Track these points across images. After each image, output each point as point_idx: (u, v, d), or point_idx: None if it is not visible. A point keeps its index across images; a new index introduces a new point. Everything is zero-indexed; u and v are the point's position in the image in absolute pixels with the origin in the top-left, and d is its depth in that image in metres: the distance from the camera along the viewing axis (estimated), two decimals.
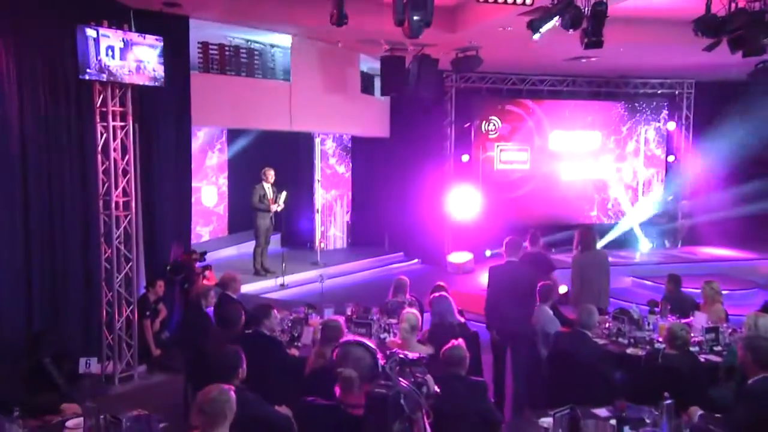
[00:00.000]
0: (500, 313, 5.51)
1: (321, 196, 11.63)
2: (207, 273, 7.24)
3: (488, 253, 12.56)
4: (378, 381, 2.12)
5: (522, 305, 5.43)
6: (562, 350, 4.83)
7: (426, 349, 4.61)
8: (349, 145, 12.54)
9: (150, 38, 6.10)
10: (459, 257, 11.79)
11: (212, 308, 5.72)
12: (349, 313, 6.08)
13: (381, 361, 2.28)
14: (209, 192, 11.84)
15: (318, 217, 11.56)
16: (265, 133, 10.62)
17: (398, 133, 12.03)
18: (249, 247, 11.32)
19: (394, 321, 5.94)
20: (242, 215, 12.03)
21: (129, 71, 5.92)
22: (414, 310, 5.11)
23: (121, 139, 6.22)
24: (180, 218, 7.77)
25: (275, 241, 10.63)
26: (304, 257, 11.00)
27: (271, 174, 9.49)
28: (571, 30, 5.53)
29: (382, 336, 5.54)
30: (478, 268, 11.72)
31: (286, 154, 11.76)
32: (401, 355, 2.25)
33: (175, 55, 6.99)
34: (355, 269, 10.95)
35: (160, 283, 6.91)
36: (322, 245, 11.75)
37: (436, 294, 5.48)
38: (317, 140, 11.74)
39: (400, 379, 2.15)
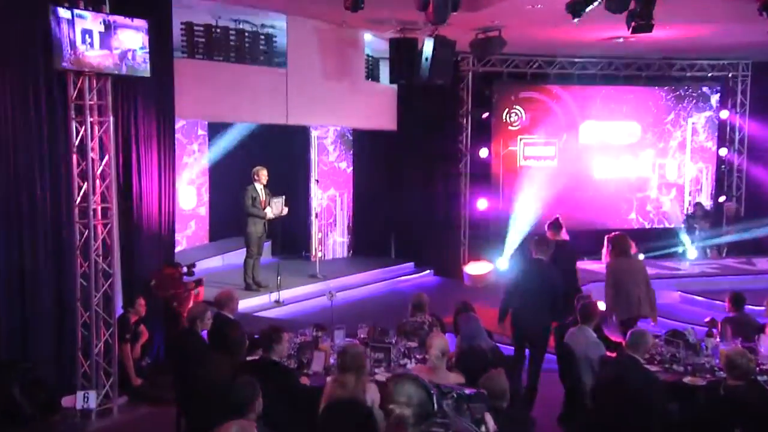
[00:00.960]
0: (519, 312, 6.37)
1: (318, 197, 11.70)
2: (199, 289, 7.34)
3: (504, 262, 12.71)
4: (434, 420, 2.21)
5: (544, 309, 6.21)
6: (609, 379, 4.94)
7: (457, 378, 4.72)
8: (350, 137, 12.64)
9: (137, 21, 6.19)
10: (477, 268, 11.91)
11: (205, 331, 5.83)
12: (362, 335, 6.20)
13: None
14: (187, 192, 11.93)
15: (315, 223, 11.68)
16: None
17: (407, 124, 12.15)
18: (236, 257, 11.44)
19: (413, 344, 6.07)
20: (227, 220, 12.17)
21: (111, 60, 6.00)
22: (441, 334, 5.22)
23: (100, 136, 6.32)
24: (162, 226, 7.87)
25: (265, 250, 10.74)
26: (300, 268, 11.11)
27: (264, 174, 9.59)
28: (616, 13, 5.65)
29: (402, 362, 5.64)
30: (499, 279, 11.82)
31: (278, 148, 11.86)
32: (458, 391, 2.35)
33: (156, 39, 7.06)
34: (358, 282, 11.07)
35: (141, 301, 7.01)
36: (320, 254, 11.86)
37: (463, 314, 5.60)
38: (314, 133, 11.85)
39: (458, 417, 2.24)
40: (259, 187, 9.59)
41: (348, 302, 9.89)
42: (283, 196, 9.82)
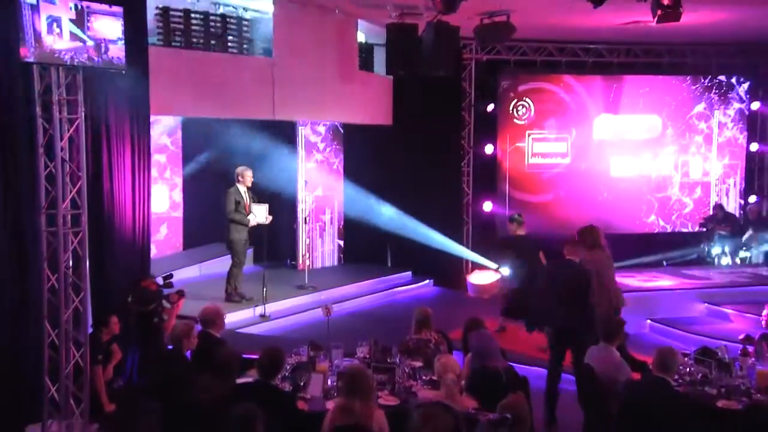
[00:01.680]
0: (555, 312, 6.96)
1: (306, 200, 11.78)
2: (180, 302, 7.40)
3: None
4: None
5: (578, 308, 6.85)
6: (636, 403, 5.04)
7: (471, 403, 4.81)
8: (341, 132, 12.71)
9: (114, 7, 6.21)
10: (483, 277, 11.99)
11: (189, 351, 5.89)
12: (362, 354, 6.27)
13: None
14: (158, 193, 11.94)
15: (303, 228, 11.75)
16: None
17: (403, 118, 12.28)
18: (214, 266, 11.52)
19: (418, 363, 6.16)
20: (203, 224, 12.23)
21: (84, 52, 6.02)
22: (449, 355, 5.32)
23: (70, 135, 6.35)
24: (137, 233, 7.90)
25: (247, 258, 10.81)
26: (287, 278, 11.19)
27: (249, 176, 9.66)
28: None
29: (408, 385, 5.72)
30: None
31: (261, 144, 11.92)
32: (483, 418, 2.43)
33: (129, 25, 7.07)
34: (351, 294, 11.16)
35: (114, 318, 7.04)
36: (308, 263, 11.93)
37: (475, 331, 5.69)
38: (302, 129, 11.92)
39: None
40: (242, 189, 9.66)
41: (340, 316, 9.93)
42: (266, 205, 9.88)
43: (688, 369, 5.85)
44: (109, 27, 6.20)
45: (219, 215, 9.94)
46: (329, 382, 5.63)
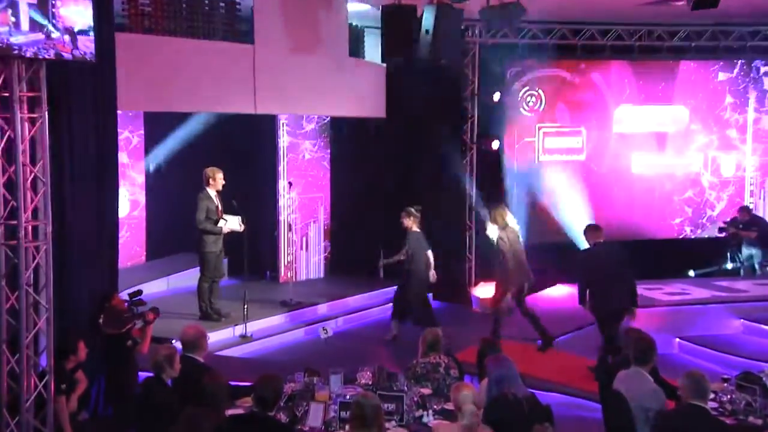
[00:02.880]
0: (603, 293, 8.69)
1: (289, 205, 11.91)
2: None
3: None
4: None
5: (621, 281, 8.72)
6: None
7: None
8: (327, 126, 12.87)
9: None
10: (490, 290, 12.18)
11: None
12: (364, 380, 6.44)
13: None
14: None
15: (285, 236, 11.91)
16: None
17: (398, 111, 12.42)
18: (183, 279, 11.64)
19: (427, 391, 6.34)
20: (169, 232, 12.35)
21: (49, 44, 6.11)
22: (470, 384, 5.50)
23: (32, 137, 6.47)
24: (102, 245, 8.02)
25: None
26: (267, 293, 11.36)
27: (220, 178, 9.77)
28: None
29: (417, 415, 5.89)
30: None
31: (236, 140, 12.09)
32: None
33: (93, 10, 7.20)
34: (341, 310, 11.33)
35: (82, 344, 7.15)
36: (290, 275, 12.09)
37: (493, 355, 5.87)
38: (283, 122, 12.07)
39: None
40: (213, 193, 9.77)
41: (329, 336, 10.07)
42: (239, 217, 10.01)
43: (729, 396, 6.05)
44: (78, 14, 6.27)
45: (187, 222, 10.07)
46: (330, 413, 5.78)
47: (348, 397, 6.04)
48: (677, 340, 10.49)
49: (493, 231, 9.91)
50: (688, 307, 11.24)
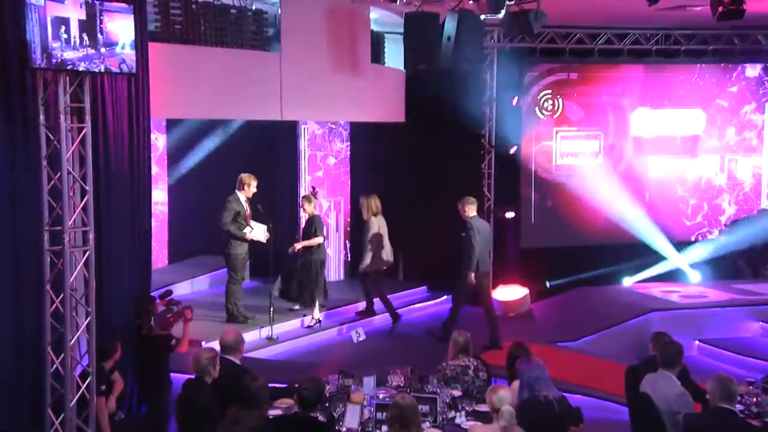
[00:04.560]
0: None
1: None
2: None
3: (548, 284, 13.29)
4: None
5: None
6: None
7: None
8: (346, 131, 13.13)
9: (122, 5, 6.55)
10: (508, 293, 12.46)
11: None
12: (395, 382, 6.70)
13: None
14: None
15: None
16: None
17: (417, 115, 12.66)
18: (207, 282, 11.92)
19: (457, 393, 6.60)
20: (190, 235, 12.62)
21: (96, 57, 6.38)
22: (504, 386, 5.75)
23: (77, 146, 6.74)
24: (136, 251, 8.28)
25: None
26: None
27: (254, 185, 10.03)
28: None
29: (450, 416, 6.16)
30: (537, 308, 12.40)
31: (257, 145, 12.37)
32: None
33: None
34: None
35: (119, 344, 7.43)
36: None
37: (524, 359, 6.12)
38: (304, 129, 12.34)
39: None
40: (243, 198, 10.03)
41: (351, 337, 10.31)
42: (266, 225, 10.27)
43: (754, 399, 6.29)
44: (123, 28, 6.54)
45: (208, 225, 10.32)
46: (366, 414, 6.05)
47: (381, 398, 6.32)
48: (696, 342, 10.70)
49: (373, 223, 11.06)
50: (707, 310, 11.45)
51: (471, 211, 10.64)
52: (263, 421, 5.55)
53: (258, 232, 10.18)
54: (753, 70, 14.15)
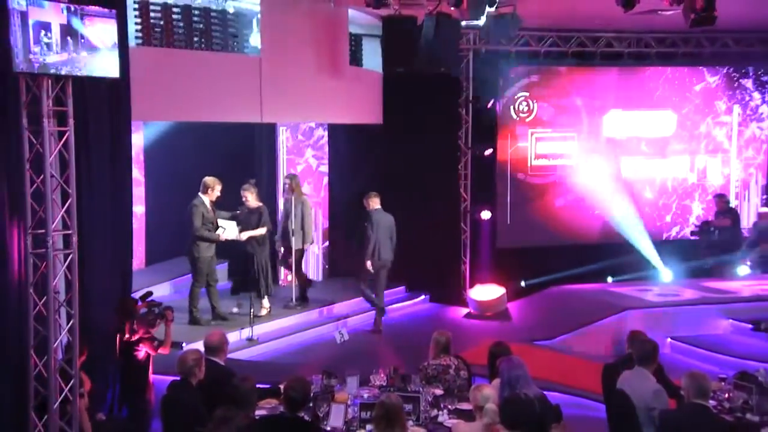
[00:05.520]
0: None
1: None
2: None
3: (523, 284, 13.42)
4: None
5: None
6: None
7: None
8: (324, 133, 13.17)
9: (104, 9, 6.56)
10: (485, 292, 12.58)
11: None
12: (378, 382, 6.77)
13: None
14: None
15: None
16: None
17: (394, 117, 12.73)
18: (185, 284, 11.88)
19: (439, 391, 6.68)
20: (167, 238, 12.58)
21: (77, 62, 6.38)
22: (486, 384, 5.84)
23: (60, 149, 6.73)
24: (117, 253, 8.30)
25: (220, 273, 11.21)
26: (271, 297, 11.57)
27: (218, 189, 10.04)
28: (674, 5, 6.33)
29: (433, 414, 6.24)
30: (513, 308, 12.53)
31: (234, 146, 12.37)
32: None
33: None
34: (342, 312, 11.61)
35: (84, 346, 7.39)
36: (290, 278, 12.35)
37: (506, 357, 6.21)
38: (282, 131, 12.37)
39: None
40: (207, 201, 10.03)
41: (331, 338, 10.35)
42: (235, 222, 10.32)
43: (726, 395, 6.44)
44: (104, 32, 6.55)
45: (184, 228, 10.31)
46: (350, 413, 6.11)
47: (366, 397, 6.39)
48: (669, 340, 10.87)
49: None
50: (679, 308, 11.65)
51: (374, 204, 11.15)
52: (250, 421, 5.60)
53: (230, 231, 10.21)
54: (722, 72, 14.34)
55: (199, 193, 10.04)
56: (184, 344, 9.07)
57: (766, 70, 14.53)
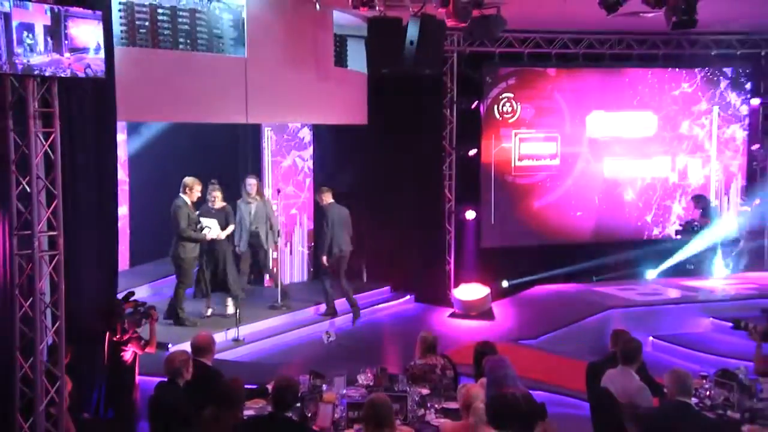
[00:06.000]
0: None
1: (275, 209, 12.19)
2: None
3: (505, 284, 13.48)
4: None
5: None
6: (661, 431, 5.64)
7: None
8: (309, 133, 13.18)
9: (88, 11, 6.55)
10: (470, 292, 12.61)
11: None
12: (365, 381, 6.79)
13: None
14: None
15: (275, 242, 12.19)
16: None
17: (379, 117, 12.76)
18: (168, 285, 11.86)
19: (425, 391, 6.71)
20: (151, 240, 12.55)
21: (62, 62, 6.36)
22: (474, 383, 5.87)
23: (46, 150, 6.71)
24: (102, 254, 8.26)
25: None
26: (254, 297, 11.61)
27: (198, 189, 10.04)
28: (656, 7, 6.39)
29: (420, 414, 6.27)
30: (497, 307, 12.57)
31: (219, 147, 12.37)
32: None
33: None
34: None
35: (69, 348, 7.38)
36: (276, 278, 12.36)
37: (492, 357, 6.25)
38: (268, 131, 12.37)
39: None
40: (189, 202, 10.01)
41: (316, 338, 10.37)
42: (215, 219, 10.32)
43: (708, 392, 6.51)
44: (88, 33, 6.54)
45: (165, 229, 10.35)
46: (338, 413, 6.13)
47: (353, 397, 6.41)
48: (651, 338, 10.95)
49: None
50: (661, 307, 11.76)
51: (327, 198, 11.26)
52: (239, 421, 5.63)
53: (214, 230, 10.23)
54: (702, 74, 14.46)
55: (180, 194, 10.02)
56: (170, 345, 9.06)
57: (744, 71, 14.65)
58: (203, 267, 10.51)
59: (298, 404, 6.21)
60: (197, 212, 10.26)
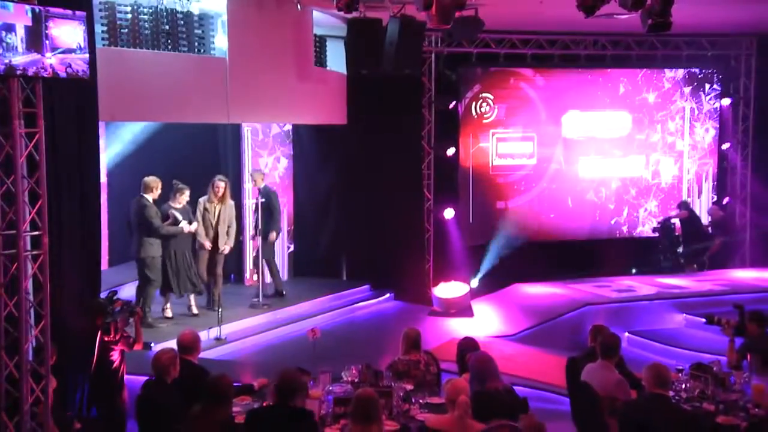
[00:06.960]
0: None
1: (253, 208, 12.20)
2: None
3: (475, 282, 13.57)
4: None
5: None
6: (639, 421, 5.74)
7: (479, 426, 5.46)
8: (289, 133, 13.21)
9: (69, 11, 6.53)
10: (450, 290, 12.69)
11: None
12: (350, 378, 6.84)
13: None
14: None
15: (250, 240, 12.22)
16: None
17: (358, 118, 12.80)
18: None
19: (409, 386, 6.78)
20: (128, 239, 12.47)
21: (43, 62, 6.35)
22: (458, 378, 5.95)
23: (30, 151, 6.70)
24: (85, 254, 8.27)
25: None
26: (235, 296, 11.61)
27: (159, 188, 9.98)
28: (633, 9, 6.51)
29: (404, 409, 6.33)
30: (476, 305, 12.66)
31: (196, 146, 12.34)
32: None
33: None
34: (308, 311, 11.63)
35: (54, 348, 7.36)
36: (256, 278, 12.37)
37: (475, 353, 6.34)
38: (247, 131, 12.38)
39: None
40: (151, 200, 9.97)
41: (298, 337, 10.42)
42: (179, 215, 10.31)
43: (683, 385, 6.65)
44: (69, 33, 6.52)
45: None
46: (324, 409, 6.18)
47: (339, 393, 6.46)
48: (627, 334, 11.08)
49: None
50: (636, 304, 11.92)
51: (262, 182, 11.46)
52: (227, 416, 5.67)
53: (185, 224, 10.23)
54: (675, 74, 14.66)
55: (143, 194, 9.95)
56: (152, 344, 9.07)
57: (716, 71, 14.87)
58: (165, 266, 10.35)
59: None
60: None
